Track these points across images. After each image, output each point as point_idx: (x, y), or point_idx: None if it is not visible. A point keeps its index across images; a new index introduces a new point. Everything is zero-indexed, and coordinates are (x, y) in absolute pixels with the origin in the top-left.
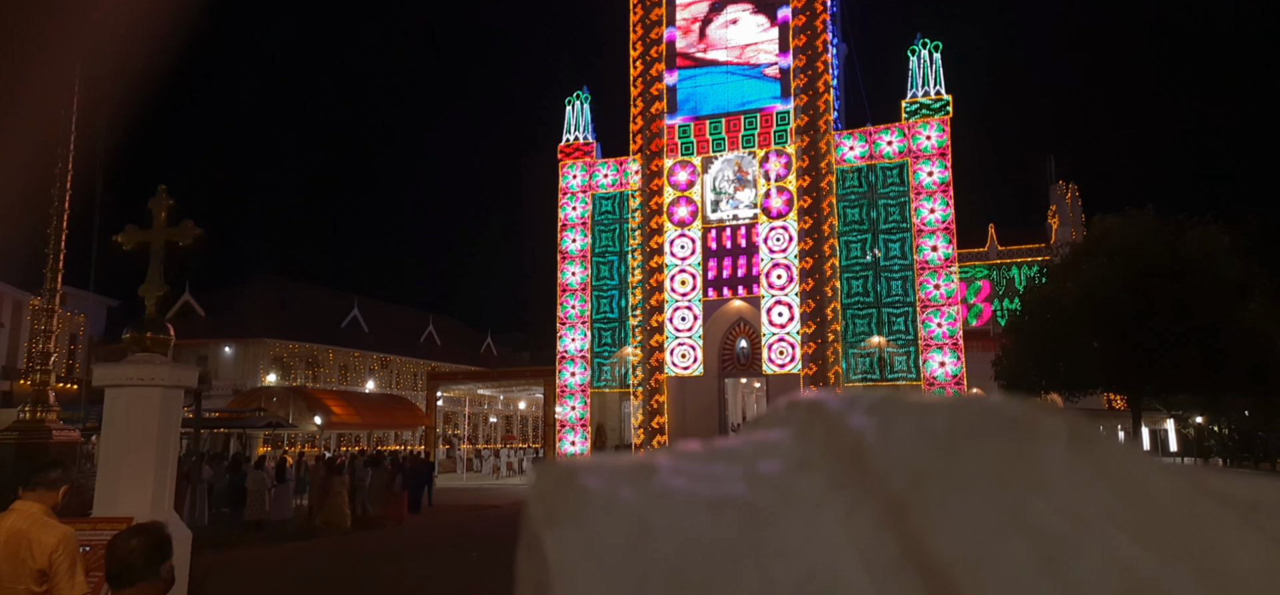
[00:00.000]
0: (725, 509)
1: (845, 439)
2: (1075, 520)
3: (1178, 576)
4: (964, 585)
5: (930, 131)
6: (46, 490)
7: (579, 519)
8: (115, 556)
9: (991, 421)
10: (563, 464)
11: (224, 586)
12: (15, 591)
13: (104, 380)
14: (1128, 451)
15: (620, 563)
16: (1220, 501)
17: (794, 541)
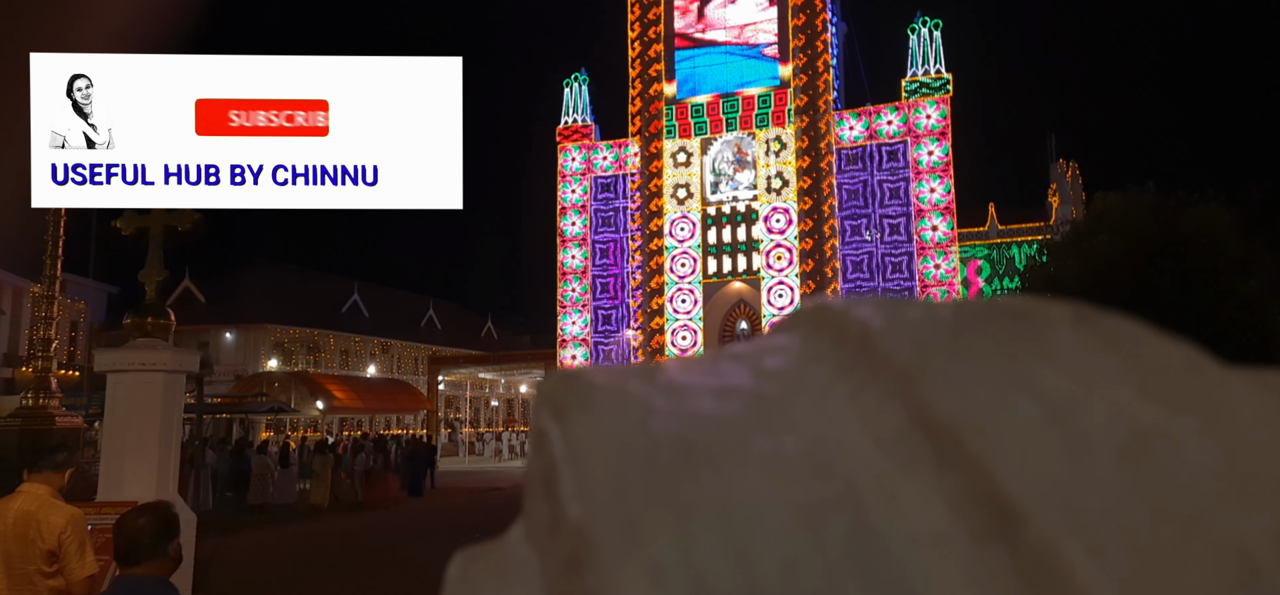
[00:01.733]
0: (732, 396)
1: (852, 330)
2: (1082, 382)
3: (1185, 425)
4: (970, 442)
5: (930, 110)
6: (53, 472)
7: (587, 407)
8: (123, 535)
9: (998, 309)
10: (569, 370)
11: (229, 569)
12: (26, 572)
13: (105, 366)
14: (1134, 327)
15: (628, 440)
16: (1230, 370)
17: (801, 418)
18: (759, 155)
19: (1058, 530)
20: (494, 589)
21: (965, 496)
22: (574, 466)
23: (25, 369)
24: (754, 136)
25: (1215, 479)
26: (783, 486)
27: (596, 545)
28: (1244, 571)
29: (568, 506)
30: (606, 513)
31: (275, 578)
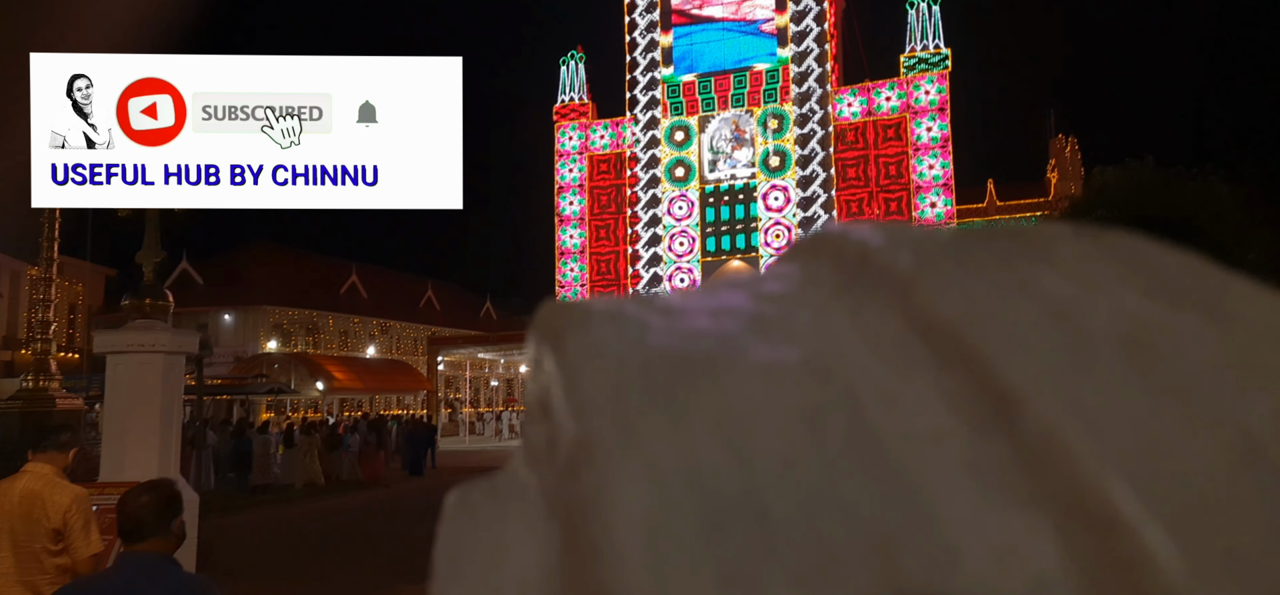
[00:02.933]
0: (730, 315)
1: (851, 250)
2: (1084, 285)
3: (1188, 320)
4: (969, 339)
5: (929, 87)
6: (57, 452)
7: (582, 328)
8: (126, 512)
9: (998, 228)
10: (564, 299)
11: (233, 548)
12: (32, 550)
13: (105, 347)
14: (1137, 239)
15: (624, 354)
16: (1234, 275)
17: (799, 332)
18: (757, 133)
19: (1057, 415)
20: (491, 510)
21: (964, 393)
22: (569, 382)
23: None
24: (752, 114)
25: (1218, 367)
26: (780, 391)
27: (592, 448)
28: (1246, 450)
29: (563, 419)
30: (602, 419)
31: (278, 556)
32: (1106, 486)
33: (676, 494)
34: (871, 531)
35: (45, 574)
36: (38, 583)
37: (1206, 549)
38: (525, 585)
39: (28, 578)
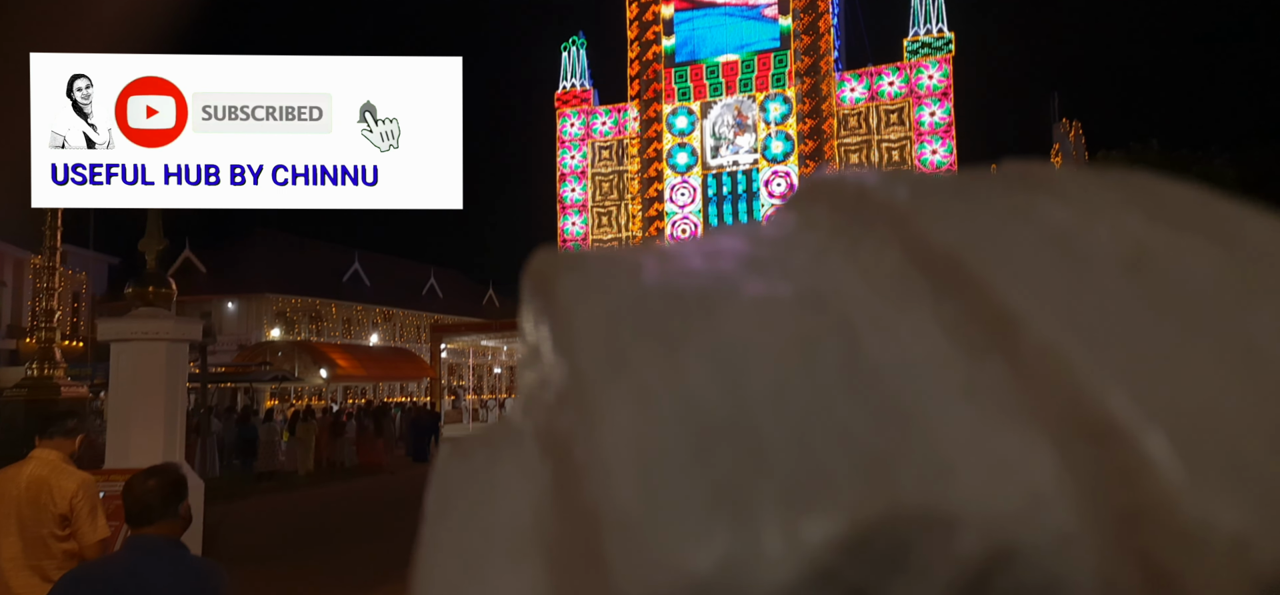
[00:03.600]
0: (725, 257)
1: (848, 192)
2: (1085, 212)
3: (1191, 242)
4: (967, 263)
5: (932, 71)
6: (63, 438)
7: (573, 270)
8: (134, 496)
9: (997, 169)
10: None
11: (238, 534)
12: (39, 536)
13: (108, 335)
14: (1138, 172)
15: (616, 291)
16: (1239, 203)
17: (795, 270)
18: (759, 118)
19: (1055, 330)
20: (484, 455)
21: (962, 319)
22: (560, 319)
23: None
24: (754, 99)
25: (1222, 283)
26: (774, 322)
27: (582, 377)
28: (1250, 359)
29: (554, 356)
30: (592, 350)
31: (284, 542)
32: (1105, 396)
33: (666, 417)
34: (864, 450)
35: (52, 559)
36: (45, 567)
37: (1207, 454)
38: (517, 524)
39: (35, 562)
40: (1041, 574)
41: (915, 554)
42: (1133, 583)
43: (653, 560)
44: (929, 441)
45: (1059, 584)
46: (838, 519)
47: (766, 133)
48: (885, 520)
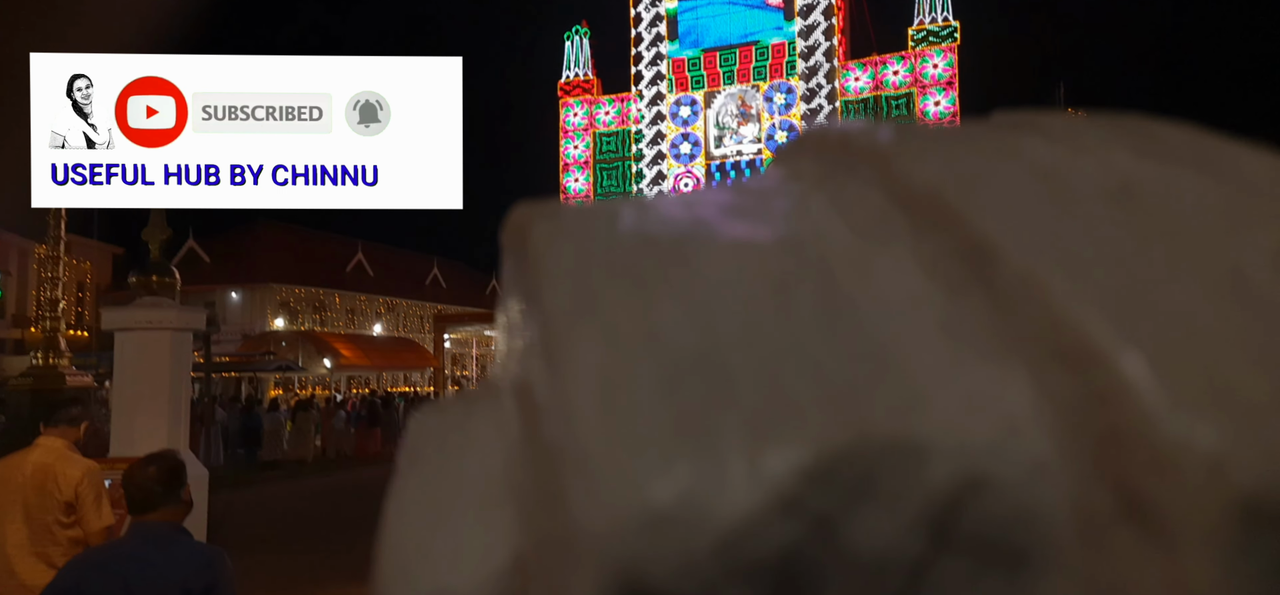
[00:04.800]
0: (705, 205)
1: (832, 140)
2: (1072, 149)
3: (1178, 174)
4: (949, 201)
5: (937, 60)
6: (68, 426)
7: (549, 217)
8: (135, 485)
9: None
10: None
11: (242, 522)
12: (44, 523)
13: (112, 324)
14: (1129, 115)
15: (590, 236)
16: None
17: (775, 215)
18: (763, 108)
19: (1034, 258)
20: (459, 410)
21: (941, 256)
22: (532, 265)
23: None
24: (758, 89)
25: (1210, 213)
26: (748, 263)
27: (550, 318)
28: (1235, 286)
29: (526, 301)
30: (562, 291)
31: (288, 530)
32: (1083, 321)
33: (633, 353)
34: (835, 382)
35: (58, 546)
36: (51, 554)
37: (1186, 376)
38: (487, 475)
39: (41, 549)
40: (1013, 504)
41: (884, 483)
42: (1107, 510)
43: (612, 493)
44: (901, 374)
45: (1031, 514)
46: (803, 448)
47: (770, 122)
48: (853, 449)
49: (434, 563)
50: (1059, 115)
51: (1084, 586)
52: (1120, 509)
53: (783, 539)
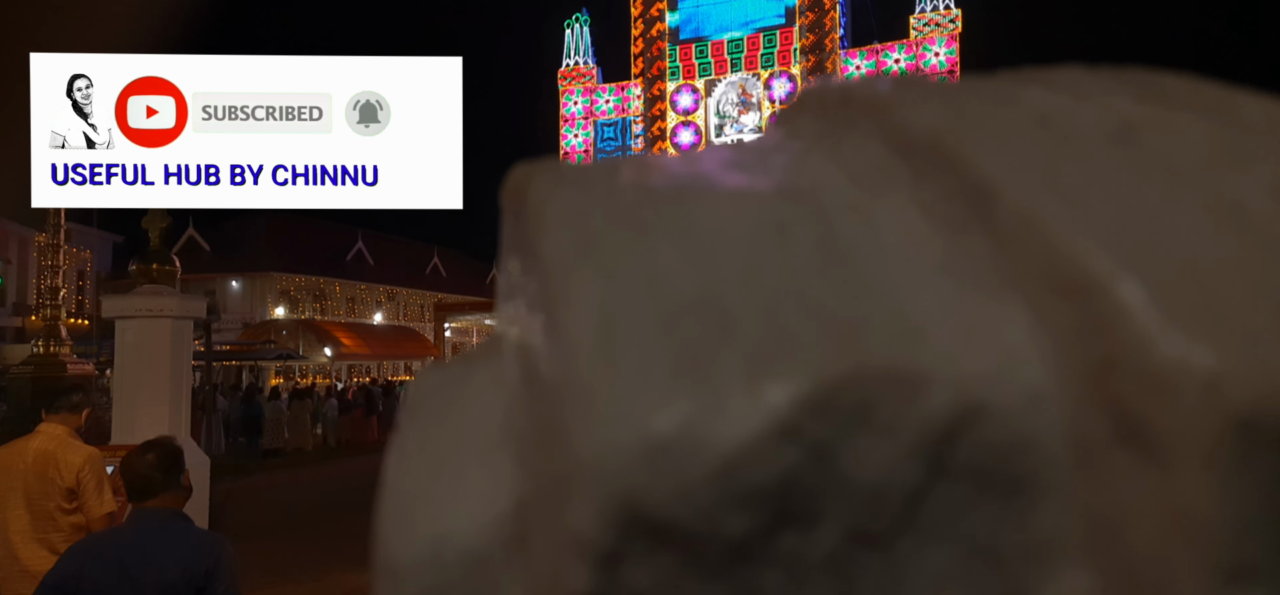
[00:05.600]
0: (705, 160)
1: (832, 96)
2: (1073, 96)
3: (1180, 117)
4: (948, 144)
5: (939, 48)
6: (69, 413)
7: (548, 172)
8: (134, 472)
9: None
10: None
11: (244, 509)
12: (46, 509)
13: (113, 311)
14: (1131, 68)
15: (589, 188)
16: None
17: (775, 168)
18: (763, 96)
19: (1033, 197)
20: (460, 366)
21: (940, 199)
22: (531, 216)
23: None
24: (758, 77)
25: (1210, 151)
26: (747, 210)
27: (550, 263)
28: (1234, 218)
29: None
30: (561, 238)
31: (289, 518)
32: (1081, 252)
33: (633, 294)
34: (834, 318)
35: (60, 531)
36: (52, 540)
37: (1183, 300)
38: (487, 424)
39: (43, 535)
40: (1010, 432)
41: (881, 412)
42: (1103, 435)
43: (611, 426)
44: (899, 309)
45: (1027, 441)
46: (801, 378)
47: (771, 111)
48: (850, 379)
49: (435, 508)
50: (1061, 68)
51: (1080, 510)
52: (1116, 433)
53: (781, 466)
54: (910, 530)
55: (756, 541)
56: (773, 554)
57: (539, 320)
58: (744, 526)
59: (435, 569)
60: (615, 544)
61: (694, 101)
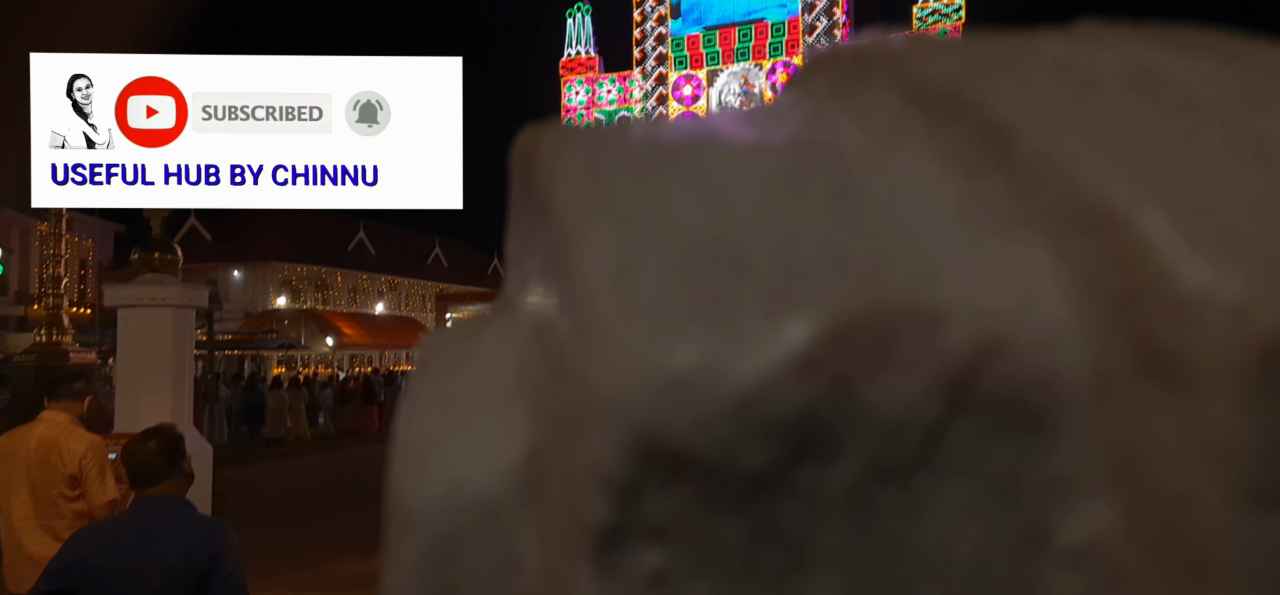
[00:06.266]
0: (716, 119)
1: (845, 54)
2: (1092, 45)
3: (1200, 62)
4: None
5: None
6: (71, 400)
7: (558, 130)
8: (136, 460)
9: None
10: None
11: (247, 497)
12: (49, 496)
13: (115, 300)
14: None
15: (601, 143)
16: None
17: (789, 124)
18: (765, 87)
19: (1055, 136)
20: (471, 325)
21: (958, 144)
22: (542, 172)
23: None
24: (760, 67)
25: (1231, 93)
26: (762, 161)
27: (563, 213)
28: (1259, 154)
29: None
30: (574, 188)
31: (292, 506)
32: (1103, 186)
33: (648, 237)
34: (852, 258)
35: (63, 519)
36: (56, 527)
37: (1210, 233)
38: (499, 376)
39: (46, 522)
40: (1031, 367)
41: (901, 347)
42: (1126, 368)
43: (629, 361)
44: (919, 250)
45: (1049, 376)
46: (821, 313)
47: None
48: (870, 313)
49: (448, 456)
50: (1077, 23)
51: (1102, 442)
52: (1141, 364)
53: (800, 400)
54: (930, 465)
55: (776, 474)
56: (792, 487)
57: (552, 268)
58: (763, 459)
59: (449, 515)
60: (634, 477)
61: (696, 92)
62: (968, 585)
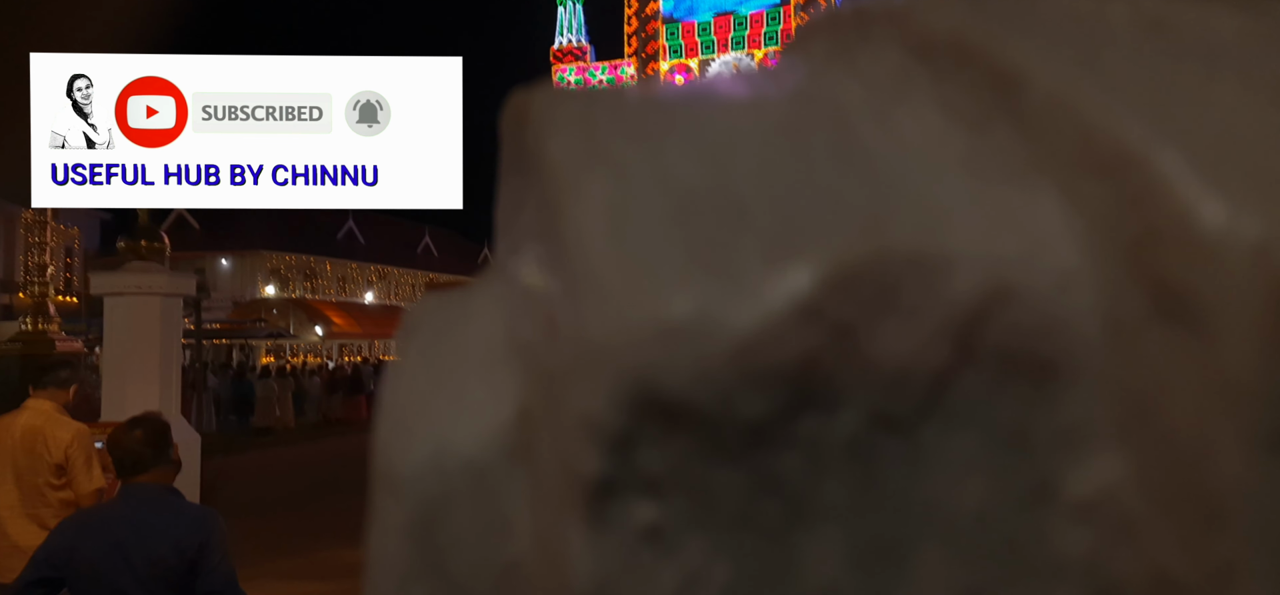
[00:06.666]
0: (713, 79)
1: (845, 15)
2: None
3: (1215, 11)
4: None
5: None
6: (57, 389)
7: (551, 90)
8: (123, 448)
9: None
10: None
11: (235, 487)
12: (35, 485)
13: (102, 289)
14: None
15: (594, 101)
16: None
17: (788, 81)
18: None
19: (1066, 80)
20: (462, 291)
21: (963, 95)
22: (534, 129)
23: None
24: (753, 57)
25: (1245, 37)
26: (760, 114)
27: (556, 167)
28: (1275, 95)
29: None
30: (567, 142)
31: (281, 495)
32: (1116, 127)
33: (643, 188)
34: (855, 207)
35: (49, 507)
36: (42, 515)
37: (1226, 168)
38: (489, 339)
39: (32, 511)
40: (1040, 315)
41: (906, 294)
42: (1140, 312)
43: (624, 309)
44: (923, 199)
45: (1059, 324)
46: (823, 260)
47: None
48: (874, 260)
49: (435, 419)
50: None
51: (1114, 391)
52: (1155, 308)
53: (801, 348)
54: (934, 416)
55: (775, 425)
56: (792, 438)
57: (544, 224)
58: (762, 409)
59: (436, 478)
60: (628, 426)
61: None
62: (973, 539)
